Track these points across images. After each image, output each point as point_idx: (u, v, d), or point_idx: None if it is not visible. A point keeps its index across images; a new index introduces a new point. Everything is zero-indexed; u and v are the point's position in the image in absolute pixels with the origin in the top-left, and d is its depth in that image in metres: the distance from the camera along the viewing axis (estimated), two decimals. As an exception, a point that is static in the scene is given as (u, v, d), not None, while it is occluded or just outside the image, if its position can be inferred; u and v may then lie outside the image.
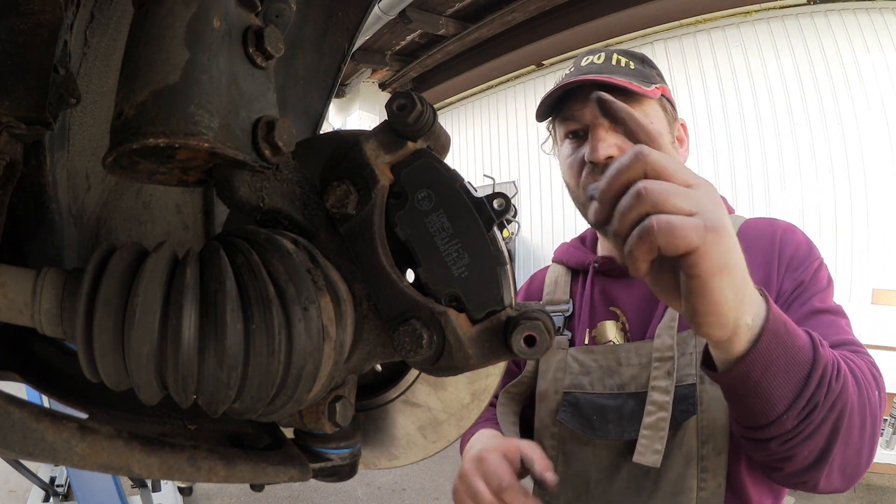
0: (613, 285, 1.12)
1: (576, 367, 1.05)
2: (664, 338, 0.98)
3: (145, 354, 0.33)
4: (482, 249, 0.41)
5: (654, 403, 0.95)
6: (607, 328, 1.09)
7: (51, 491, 3.09)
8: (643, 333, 1.04)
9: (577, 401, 1.03)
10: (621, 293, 1.10)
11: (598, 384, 1.03)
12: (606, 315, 1.10)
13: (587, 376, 1.04)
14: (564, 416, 1.03)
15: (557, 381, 1.07)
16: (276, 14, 0.46)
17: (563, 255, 1.24)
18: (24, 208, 0.46)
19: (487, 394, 0.51)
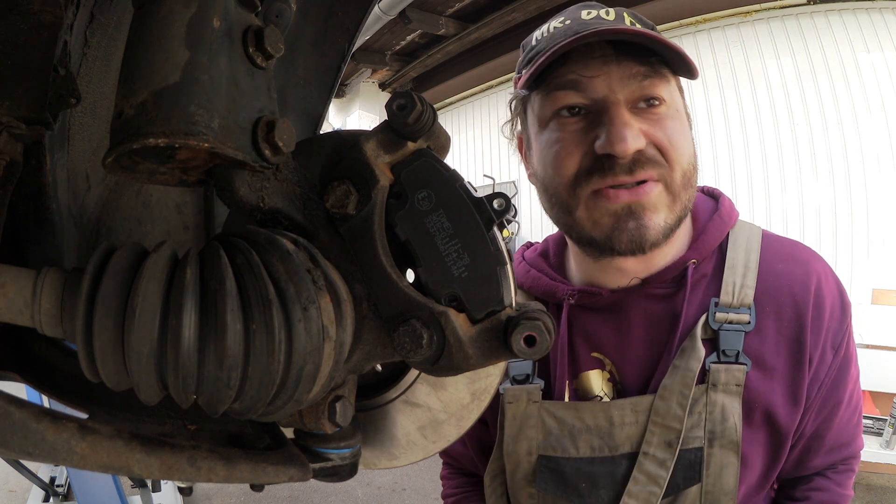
0: (596, 322, 0.87)
1: (555, 427, 0.85)
2: (672, 404, 0.79)
3: (145, 354, 0.33)
4: (482, 249, 0.41)
5: (646, 474, 0.80)
6: (592, 380, 0.87)
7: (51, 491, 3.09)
8: (639, 385, 0.85)
9: (560, 468, 0.84)
10: (608, 333, 0.87)
11: (584, 447, 0.83)
12: (590, 363, 0.87)
13: (570, 438, 0.84)
14: (545, 485, 0.86)
15: (531, 440, 0.86)
16: (276, 14, 0.46)
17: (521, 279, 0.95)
18: (24, 208, 0.46)
19: (487, 394, 0.51)
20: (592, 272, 0.88)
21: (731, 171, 5.34)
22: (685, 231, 0.86)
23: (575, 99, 0.76)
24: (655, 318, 0.85)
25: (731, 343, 0.79)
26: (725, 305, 0.81)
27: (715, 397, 0.79)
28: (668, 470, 0.79)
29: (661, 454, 0.80)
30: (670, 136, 0.75)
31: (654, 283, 0.84)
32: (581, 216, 0.78)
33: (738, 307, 0.80)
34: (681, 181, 0.76)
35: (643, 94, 0.75)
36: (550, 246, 0.99)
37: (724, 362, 0.79)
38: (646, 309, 0.85)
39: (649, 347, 0.85)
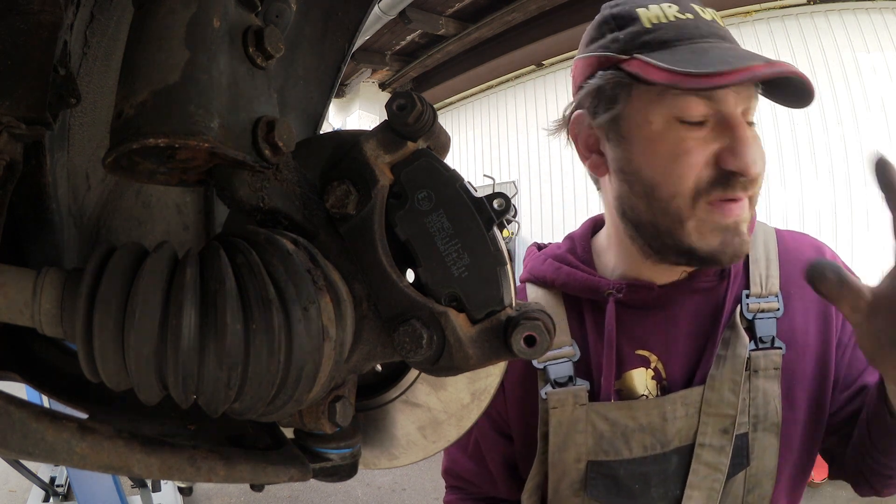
0: (640, 321, 0.87)
1: (606, 430, 0.83)
2: (724, 392, 0.81)
3: (145, 354, 0.33)
4: (482, 249, 0.41)
5: (706, 464, 0.81)
6: (636, 379, 0.86)
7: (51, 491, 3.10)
8: (685, 379, 0.85)
9: (614, 472, 0.82)
10: (653, 331, 0.86)
11: (637, 447, 0.82)
12: (634, 361, 0.86)
13: (624, 439, 0.82)
14: (597, 492, 0.83)
15: (579, 446, 0.83)
16: (276, 14, 0.46)
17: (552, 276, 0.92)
18: (24, 208, 0.46)
19: (487, 394, 0.51)
20: (641, 269, 0.87)
21: (731, 171, 5.34)
22: None
23: (703, 109, 0.74)
24: (700, 312, 0.86)
25: (766, 329, 0.83)
26: (756, 296, 0.85)
27: (757, 383, 0.82)
28: (727, 456, 0.81)
29: (717, 442, 0.81)
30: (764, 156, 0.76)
31: (701, 277, 0.86)
32: (691, 227, 0.76)
33: (766, 296, 0.85)
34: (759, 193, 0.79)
35: (748, 113, 0.76)
36: (577, 242, 0.96)
37: (761, 348, 0.83)
38: (692, 303, 0.87)
39: (693, 341, 0.86)
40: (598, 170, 0.86)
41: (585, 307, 0.90)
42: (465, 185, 0.42)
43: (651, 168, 0.77)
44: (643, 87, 0.76)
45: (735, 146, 0.72)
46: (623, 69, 0.76)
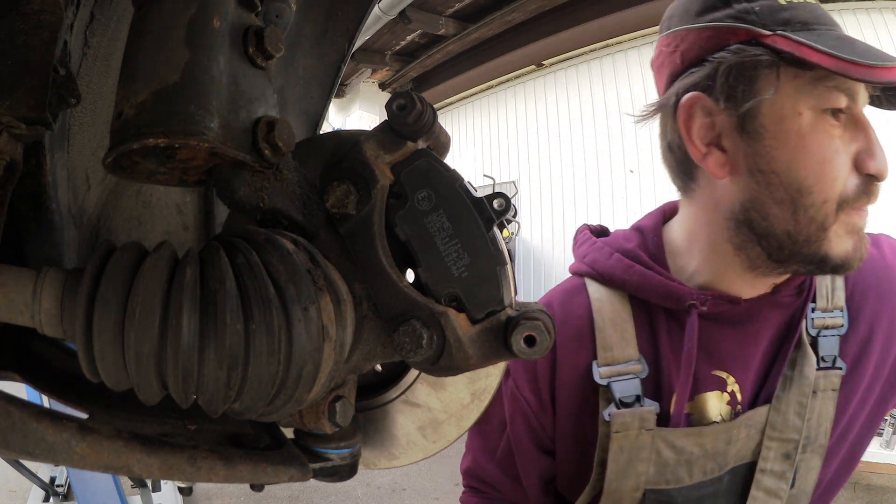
0: (718, 335, 0.78)
1: (671, 458, 0.76)
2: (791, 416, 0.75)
3: (145, 354, 0.33)
4: (482, 249, 0.41)
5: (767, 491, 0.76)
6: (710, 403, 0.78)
7: (51, 491, 3.09)
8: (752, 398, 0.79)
9: (672, 500, 0.77)
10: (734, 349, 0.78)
11: (698, 473, 0.77)
12: (711, 383, 0.78)
13: (687, 467, 0.76)
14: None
15: (639, 475, 0.77)
16: (276, 14, 0.46)
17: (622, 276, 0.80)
18: (24, 208, 0.46)
19: (487, 394, 0.51)
20: (730, 279, 0.77)
21: (731, 171, 5.34)
22: None
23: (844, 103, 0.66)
24: (778, 328, 0.79)
25: (829, 348, 0.78)
26: (822, 310, 0.79)
27: (814, 404, 0.76)
28: (787, 482, 0.75)
29: (779, 467, 0.76)
30: None
31: (784, 290, 0.78)
32: (833, 233, 0.69)
33: (832, 310, 0.79)
34: None
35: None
36: (648, 237, 0.84)
37: (822, 368, 0.77)
38: (773, 318, 0.79)
39: (767, 358, 0.79)
40: (720, 169, 0.72)
41: (658, 316, 0.80)
42: (465, 185, 0.42)
43: (801, 169, 0.66)
44: (791, 71, 0.65)
45: (871, 147, 0.66)
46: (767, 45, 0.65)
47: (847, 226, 0.68)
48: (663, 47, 0.75)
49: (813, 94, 0.65)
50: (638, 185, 5.65)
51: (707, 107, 0.70)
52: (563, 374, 0.83)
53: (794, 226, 0.68)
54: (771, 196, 0.69)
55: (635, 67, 5.82)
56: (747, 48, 0.65)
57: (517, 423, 0.89)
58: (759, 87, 0.66)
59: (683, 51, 0.72)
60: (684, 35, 0.71)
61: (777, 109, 0.66)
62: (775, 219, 0.69)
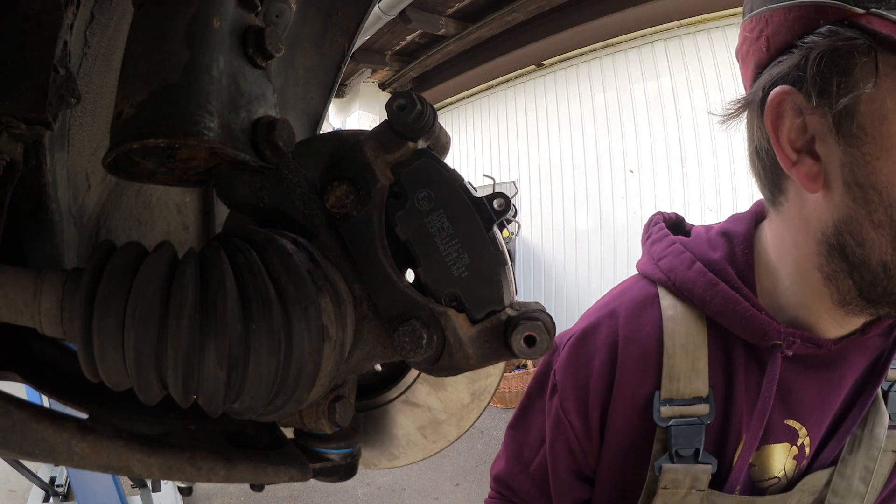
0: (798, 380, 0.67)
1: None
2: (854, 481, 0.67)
3: (145, 354, 0.33)
4: (482, 249, 0.41)
5: None
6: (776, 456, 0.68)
7: (51, 491, 3.09)
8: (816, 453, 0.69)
9: None
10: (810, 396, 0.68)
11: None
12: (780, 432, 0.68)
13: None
14: None
15: None
16: (276, 14, 0.46)
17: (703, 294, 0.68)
18: (24, 208, 0.46)
19: (487, 394, 0.51)
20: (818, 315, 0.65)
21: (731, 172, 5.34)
22: None
23: None
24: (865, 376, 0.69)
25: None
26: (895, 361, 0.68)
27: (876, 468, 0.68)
28: None
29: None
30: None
31: (874, 330, 0.66)
32: None
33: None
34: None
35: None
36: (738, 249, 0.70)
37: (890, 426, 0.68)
38: (860, 364, 0.68)
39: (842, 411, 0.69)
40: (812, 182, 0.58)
41: (736, 348, 0.69)
42: (465, 185, 0.42)
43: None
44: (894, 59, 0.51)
45: None
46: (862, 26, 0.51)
47: None
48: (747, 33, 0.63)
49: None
50: (638, 185, 5.65)
51: (798, 104, 0.57)
52: (619, 401, 0.73)
53: (893, 256, 0.55)
54: (869, 217, 0.55)
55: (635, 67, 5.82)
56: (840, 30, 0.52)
57: (558, 447, 0.80)
58: (855, 79, 0.52)
59: (769, 35, 0.59)
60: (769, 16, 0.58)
61: (877, 107, 0.52)
62: (872, 246, 0.56)
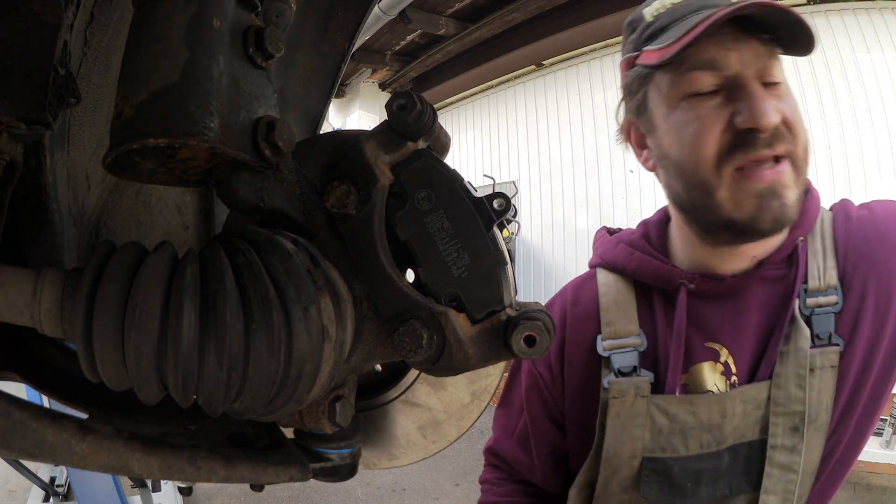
0: (712, 312, 0.84)
1: (665, 425, 0.81)
2: (790, 388, 0.78)
3: (145, 354, 0.33)
4: (482, 249, 0.41)
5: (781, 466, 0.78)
6: (705, 373, 0.83)
7: (51, 491, 3.09)
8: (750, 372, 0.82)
9: (668, 469, 0.80)
10: (723, 323, 0.83)
11: (693, 444, 0.80)
12: (703, 354, 0.83)
13: (681, 436, 0.80)
14: (650, 491, 0.81)
15: (635, 441, 0.81)
16: (276, 14, 0.46)
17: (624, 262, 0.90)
18: (24, 208, 0.46)
19: (487, 394, 0.51)
20: (707, 257, 0.85)
21: (731, 171, 5.34)
22: None
23: (711, 79, 0.74)
24: (770, 302, 0.84)
25: (824, 326, 0.80)
26: (814, 290, 0.82)
27: (812, 381, 0.79)
28: (800, 455, 0.78)
29: (789, 441, 0.79)
30: (794, 112, 0.75)
31: (769, 265, 0.83)
32: (723, 196, 0.76)
33: (825, 290, 0.81)
34: (803, 156, 0.77)
35: (767, 73, 0.75)
36: (651, 230, 0.94)
37: (818, 346, 0.80)
38: (761, 292, 0.84)
39: (761, 333, 0.83)
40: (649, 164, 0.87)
41: (656, 296, 0.88)
42: (465, 185, 0.42)
43: (675, 146, 0.78)
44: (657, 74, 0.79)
45: (743, 103, 0.72)
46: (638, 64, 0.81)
47: (743, 190, 0.74)
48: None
49: (674, 84, 0.77)
50: (638, 185, 5.65)
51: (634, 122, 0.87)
52: (571, 348, 0.92)
53: (688, 194, 0.79)
54: (669, 175, 0.81)
55: (635, 67, 5.82)
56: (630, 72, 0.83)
57: (532, 397, 0.97)
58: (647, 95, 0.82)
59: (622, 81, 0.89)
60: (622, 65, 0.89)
61: (654, 107, 0.81)
62: (679, 193, 0.81)
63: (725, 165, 0.74)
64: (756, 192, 0.74)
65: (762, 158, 0.73)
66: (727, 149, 0.74)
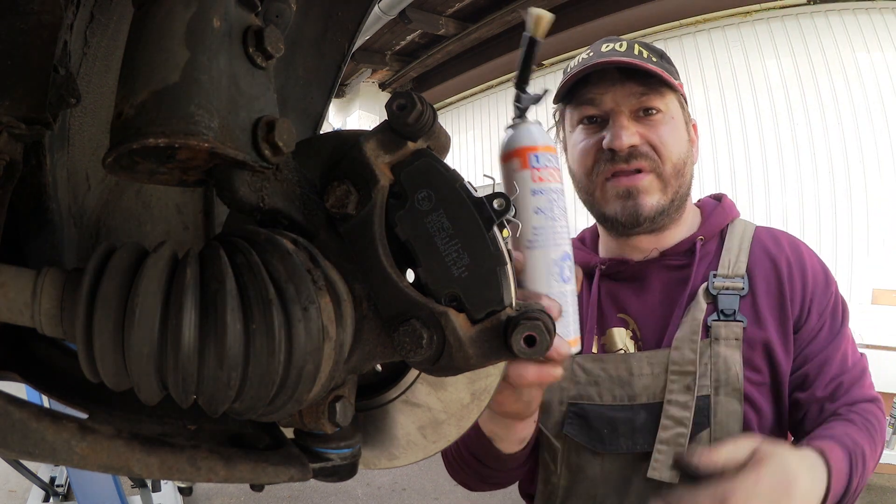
0: (622, 290, 1.06)
1: (582, 377, 1.00)
2: (685, 351, 0.95)
3: (145, 354, 0.33)
4: (482, 249, 0.41)
5: (671, 418, 0.93)
6: (616, 336, 1.04)
7: (51, 491, 3.09)
8: (656, 341, 1.00)
9: (586, 413, 0.98)
10: (631, 299, 1.05)
11: (607, 395, 0.98)
12: (616, 322, 1.05)
13: (595, 387, 0.99)
14: (572, 430, 0.99)
15: (563, 391, 1.00)
16: (276, 14, 0.46)
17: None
18: (24, 208, 0.46)
19: (487, 394, 0.51)
20: (618, 250, 1.08)
21: (731, 171, 5.34)
22: (694, 219, 1.10)
23: (592, 111, 1.00)
24: (670, 284, 1.04)
25: (728, 304, 0.97)
26: (723, 276, 1.01)
27: (718, 349, 0.95)
28: (690, 411, 0.92)
29: (682, 398, 0.94)
30: (662, 136, 0.98)
31: (670, 255, 1.05)
32: (597, 196, 1.02)
33: (733, 276, 1.00)
34: (671, 171, 0.99)
35: (641, 106, 0.98)
36: (587, 235, 1.21)
37: (723, 320, 0.97)
38: (663, 277, 1.05)
39: (664, 309, 1.02)
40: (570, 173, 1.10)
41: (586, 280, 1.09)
42: (465, 185, 0.42)
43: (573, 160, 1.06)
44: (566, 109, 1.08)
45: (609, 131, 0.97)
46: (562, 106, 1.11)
47: (613, 191, 0.99)
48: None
49: (573, 113, 1.04)
50: (638, 185, 5.65)
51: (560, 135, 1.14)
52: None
53: (581, 195, 1.06)
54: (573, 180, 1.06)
55: (635, 67, 5.82)
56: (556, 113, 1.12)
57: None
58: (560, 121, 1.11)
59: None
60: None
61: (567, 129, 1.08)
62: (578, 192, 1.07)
63: (597, 175, 1.00)
64: (615, 193, 0.99)
65: (620, 170, 0.97)
66: (596, 161, 1.00)
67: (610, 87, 0.98)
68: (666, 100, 0.99)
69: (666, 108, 0.99)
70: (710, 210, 1.10)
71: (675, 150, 0.98)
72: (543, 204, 0.63)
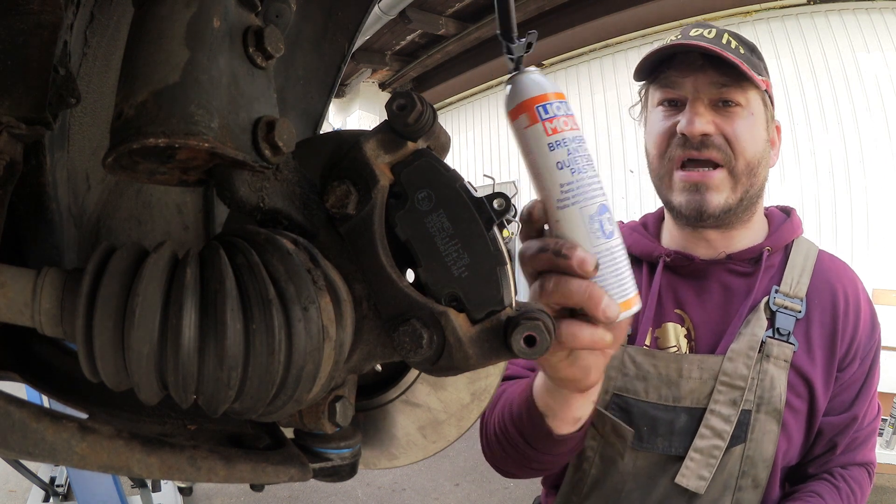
0: (682, 285, 1.04)
1: (632, 370, 0.98)
2: (739, 364, 0.93)
3: (145, 354, 0.33)
4: (482, 249, 0.41)
5: (711, 428, 0.92)
6: (671, 332, 1.02)
7: (51, 491, 3.09)
8: (710, 345, 0.99)
9: (629, 407, 0.97)
10: (690, 296, 1.03)
11: (653, 393, 0.96)
12: (672, 317, 1.03)
13: (643, 382, 0.97)
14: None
15: (609, 379, 0.98)
16: (276, 14, 0.46)
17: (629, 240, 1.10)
18: (24, 208, 0.46)
19: (487, 394, 0.51)
20: (684, 242, 1.06)
21: (731, 171, 5.33)
22: (762, 226, 1.08)
23: (671, 94, 0.99)
24: (732, 290, 1.02)
25: (785, 324, 0.96)
26: (784, 293, 0.99)
27: (767, 367, 0.94)
28: (731, 425, 0.91)
29: (726, 411, 0.92)
30: (737, 130, 0.94)
31: (736, 260, 1.03)
32: (666, 182, 1.00)
33: (793, 297, 0.99)
34: (743, 168, 0.95)
35: (721, 97, 0.95)
36: (649, 220, 1.17)
37: (777, 338, 0.96)
38: (725, 281, 1.03)
39: (722, 314, 1.00)
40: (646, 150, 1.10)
41: (645, 268, 1.07)
42: (465, 185, 0.42)
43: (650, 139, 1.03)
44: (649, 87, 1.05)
45: (684, 116, 0.95)
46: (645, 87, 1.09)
47: (680, 183, 0.97)
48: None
49: (655, 93, 1.02)
50: (638, 185, 5.65)
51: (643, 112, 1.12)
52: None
53: (653, 175, 1.04)
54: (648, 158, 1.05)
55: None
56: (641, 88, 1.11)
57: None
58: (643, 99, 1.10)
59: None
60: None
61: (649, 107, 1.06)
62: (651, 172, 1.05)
63: (668, 158, 0.98)
64: (686, 186, 0.97)
65: (691, 157, 0.95)
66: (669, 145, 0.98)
67: (691, 72, 0.95)
68: (748, 94, 0.95)
69: (746, 103, 0.95)
70: (779, 223, 1.08)
71: (749, 147, 0.95)
72: (564, 157, 0.55)
